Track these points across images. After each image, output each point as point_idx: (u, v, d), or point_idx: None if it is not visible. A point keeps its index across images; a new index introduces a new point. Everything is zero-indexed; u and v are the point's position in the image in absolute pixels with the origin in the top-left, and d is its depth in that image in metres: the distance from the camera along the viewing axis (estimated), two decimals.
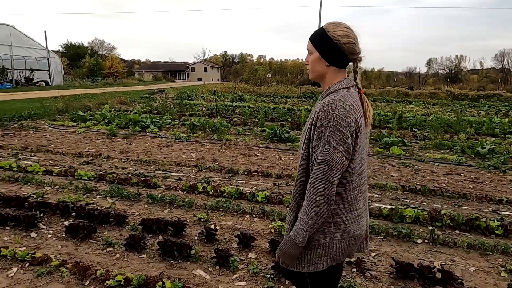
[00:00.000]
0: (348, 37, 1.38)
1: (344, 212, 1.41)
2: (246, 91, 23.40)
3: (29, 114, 9.94)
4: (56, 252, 2.87)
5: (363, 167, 1.44)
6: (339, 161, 1.31)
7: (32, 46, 27.60)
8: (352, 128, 1.32)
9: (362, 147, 1.40)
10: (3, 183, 4.50)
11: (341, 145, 1.30)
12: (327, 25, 1.42)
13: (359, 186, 1.43)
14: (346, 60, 1.42)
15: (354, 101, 1.37)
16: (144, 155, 6.20)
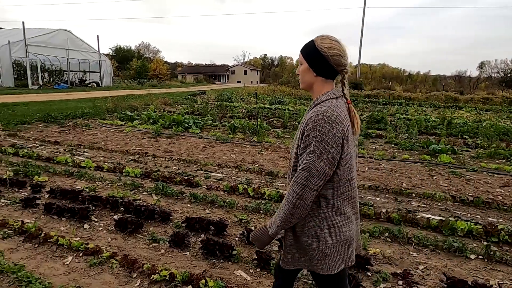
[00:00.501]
0: (335, 49, 1.45)
1: (333, 215, 1.48)
2: (285, 94, 23.33)
3: (82, 113, 10.63)
4: (106, 244, 3.03)
5: (352, 174, 1.49)
6: (320, 170, 1.38)
7: (86, 49, 29.55)
8: (338, 138, 1.39)
9: (350, 155, 1.46)
10: (60, 177, 4.85)
11: (325, 155, 1.38)
12: (316, 37, 1.50)
13: (347, 192, 1.50)
14: (333, 71, 1.49)
15: (340, 111, 1.44)
16: (187, 154, 6.38)
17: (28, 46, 23.60)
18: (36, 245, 2.97)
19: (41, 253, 2.87)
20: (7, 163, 5.31)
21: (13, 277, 2.48)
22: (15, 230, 3.16)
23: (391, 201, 4.32)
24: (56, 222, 3.46)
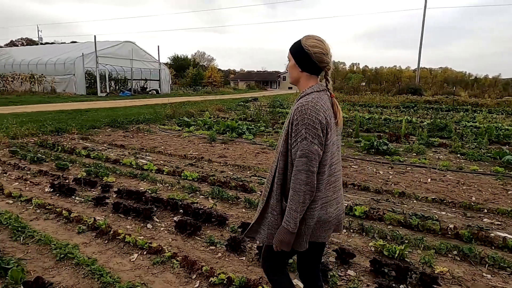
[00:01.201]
0: (318, 47, 1.60)
1: (317, 199, 1.61)
2: (339, 100, 22.76)
3: (144, 119, 11.36)
4: (167, 244, 3.18)
5: (333, 160, 1.65)
6: (316, 153, 1.52)
7: (148, 59, 31.63)
8: (323, 124, 1.54)
9: (332, 142, 1.62)
10: (126, 178, 5.21)
11: (316, 139, 1.52)
12: (303, 37, 1.66)
13: (329, 176, 1.64)
14: (316, 68, 1.64)
15: (323, 102, 1.59)
16: (241, 160, 6.50)
17: (98, 58, 25.88)
18: (106, 241, 3.21)
19: (110, 248, 3.09)
20: (81, 164, 5.84)
21: (87, 270, 2.70)
22: (88, 226, 3.45)
23: (459, 216, 3.98)
24: (123, 220, 3.71)
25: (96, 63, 25.69)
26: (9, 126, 8.60)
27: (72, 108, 14.83)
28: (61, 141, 7.84)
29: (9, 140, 7.64)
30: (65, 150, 6.86)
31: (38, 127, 9.00)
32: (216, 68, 62.08)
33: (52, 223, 3.59)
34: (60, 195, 4.39)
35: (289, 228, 1.56)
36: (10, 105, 15.80)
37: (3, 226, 3.44)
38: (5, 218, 3.55)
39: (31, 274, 2.65)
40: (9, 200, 4.21)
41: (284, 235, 1.58)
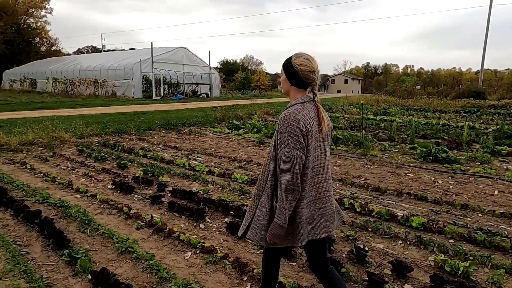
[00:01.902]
0: (305, 66, 1.82)
1: (302, 199, 1.81)
2: (391, 104, 21.81)
3: (195, 121, 11.79)
4: (219, 245, 3.26)
5: (316, 163, 1.84)
6: (297, 156, 1.73)
7: (199, 64, 32.84)
8: (303, 132, 1.74)
9: (314, 147, 1.81)
10: (179, 178, 5.43)
11: (298, 145, 1.73)
12: (293, 55, 1.87)
13: (311, 178, 1.83)
14: (303, 83, 1.85)
15: (306, 112, 1.80)
16: None
17: (154, 63, 27.39)
18: (162, 238, 3.37)
19: (166, 245, 3.24)
20: (139, 164, 6.21)
21: (146, 264, 2.85)
22: (146, 222, 3.65)
23: None
24: (177, 219, 3.87)
25: (152, 68, 27.21)
26: (77, 127, 9.40)
27: (130, 110, 15.84)
28: (121, 141, 8.40)
29: (77, 139, 8.35)
30: (124, 150, 7.33)
31: (101, 128, 9.74)
32: (264, 72, 62.62)
33: (114, 218, 3.86)
34: (120, 192, 4.70)
35: (279, 223, 1.78)
36: (77, 107, 17.29)
37: (72, 219, 3.76)
38: (74, 211, 3.88)
39: (97, 265, 2.86)
40: (77, 194, 4.59)
41: (276, 229, 1.80)
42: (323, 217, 1.89)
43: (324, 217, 1.89)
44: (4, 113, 13.54)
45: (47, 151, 7.15)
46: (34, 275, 2.66)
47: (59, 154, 6.88)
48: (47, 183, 5.07)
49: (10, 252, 2.99)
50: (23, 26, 50.08)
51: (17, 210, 3.79)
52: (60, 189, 4.81)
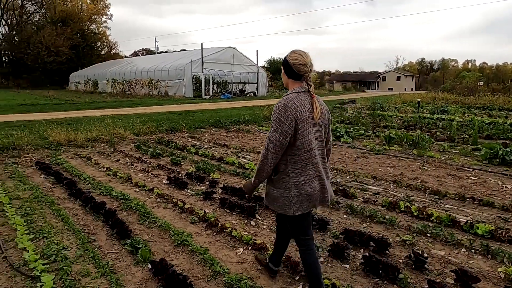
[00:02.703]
0: (297, 60, 2.10)
1: (298, 175, 2.11)
2: (449, 102, 20.35)
3: (244, 120, 11.96)
4: (270, 242, 3.27)
5: (311, 146, 2.10)
6: (276, 139, 2.03)
7: (247, 63, 33.24)
8: (290, 118, 2.01)
9: (307, 131, 2.07)
10: (229, 175, 5.55)
11: (280, 129, 2.02)
12: (289, 52, 2.17)
13: (308, 159, 2.10)
14: (297, 75, 2.12)
15: (298, 100, 2.06)
16: (339, 164, 6.32)
17: (204, 63, 28.24)
18: (215, 233, 3.47)
19: (218, 240, 3.33)
20: (191, 160, 6.45)
21: (200, 258, 2.96)
22: (199, 217, 3.78)
23: None
24: (229, 215, 3.96)
25: (202, 68, 28.09)
26: (134, 125, 10.01)
27: (182, 109, 16.50)
28: (174, 139, 8.79)
29: (134, 136, 8.89)
30: (177, 147, 7.66)
31: (155, 126, 10.26)
32: None
33: (170, 211, 4.05)
34: (175, 187, 4.92)
35: (252, 182, 2.24)
36: (133, 107, 18.39)
37: (132, 211, 4.01)
38: (134, 204, 4.13)
39: (155, 255, 3.02)
40: (136, 188, 4.89)
41: (249, 185, 2.29)
42: (321, 192, 2.20)
43: (322, 192, 2.20)
44: (71, 112, 14.82)
45: (109, 147, 7.70)
46: (101, 262, 2.88)
47: (119, 150, 7.37)
48: (110, 177, 5.45)
49: (80, 239, 3.27)
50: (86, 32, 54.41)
51: (85, 201, 4.13)
52: (121, 182, 5.15)
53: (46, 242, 3.21)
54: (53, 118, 12.11)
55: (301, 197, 2.11)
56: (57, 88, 41.91)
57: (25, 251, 3.00)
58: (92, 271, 2.76)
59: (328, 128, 2.24)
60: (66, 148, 7.48)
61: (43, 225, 3.58)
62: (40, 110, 15.61)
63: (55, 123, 10.15)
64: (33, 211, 3.97)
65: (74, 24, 50.68)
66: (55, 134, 8.06)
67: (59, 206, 4.12)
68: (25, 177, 5.33)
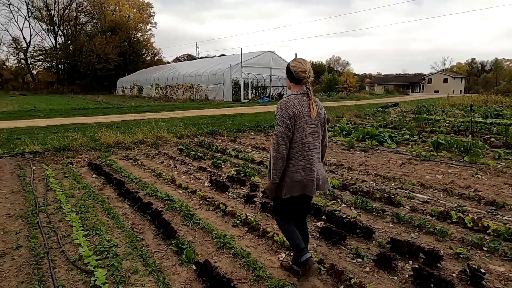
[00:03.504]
0: (297, 67, 2.44)
1: (290, 165, 2.44)
2: (505, 105, 18.88)
3: None
4: (312, 249, 3.22)
5: (305, 140, 2.43)
6: (282, 133, 2.36)
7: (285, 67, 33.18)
8: (290, 115, 2.37)
9: (303, 128, 2.41)
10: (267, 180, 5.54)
11: (283, 124, 2.37)
12: (291, 60, 2.53)
13: (301, 151, 2.43)
14: (297, 80, 2.46)
15: (297, 101, 2.42)
16: (383, 170, 6.09)
17: (243, 68, 28.62)
18: (257, 237, 3.48)
19: (260, 244, 3.33)
20: (231, 164, 6.54)
21: (243, 261, 2.97)
22: (241, 220, 3.81)
23: None
24: (270, 219, 3.95)
25: (241, 72, 28.48)
26: (177, 128, 10.36)
27: (221, 113, 16.81)
28: (214, 142, 8.97)
29: (177, 139, 9.19)
30: (218, 150, 7.81)
31: (197, 129, 10.55)
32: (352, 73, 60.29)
33: (212, 214, 4.12)
34: (216, 190, 5.01)
35: (272, 181, 2.48)
36: (175, 110, 19.05)
37: (177, 212, 4.14)
38: (178, 205, 4.26)
39: (199, 256, 3.09)
40: (179, 190, 5.04)
41: (270, 185, 2.52)
42: (309, 181, 2.48)
43: (311, 181, 2.49)
44: (119, 116, 15.66)
45: (153, 150, 8.03)
46: (149, 260, 2.99)
47: (163, 152, 7.65)
48: (155, 178, 5.68)
49: (129, 237, 3.42)
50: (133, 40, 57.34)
51: (133, 201, 4.32)
52: (165, 184, 5.34)
53: (99, 239, 3.40)
54: (103, 122, 12.87)
55: (292, 183, 2.46)
56: (105, 93, 44.54)
57: (80, 247, 3.20)
58: (140, 269, 2.87)
59: (324, 126, 2.57)
60: (114, 150, 7.91)
61: (96, 223, 3.80)
62: (91, 114, 16.66)
63: (105, 126, 10.78)
64: (86, 209, 4.22)
65: (122, 32, 53.65)
66: (105, 136, 8.55)
67: (109, 205, 4.36)
68: (79, 177, 5.70)
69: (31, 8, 52.64)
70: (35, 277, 2.73)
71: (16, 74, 53.20)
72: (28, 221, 3.86)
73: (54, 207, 4.32)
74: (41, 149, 7.56)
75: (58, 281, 2.69)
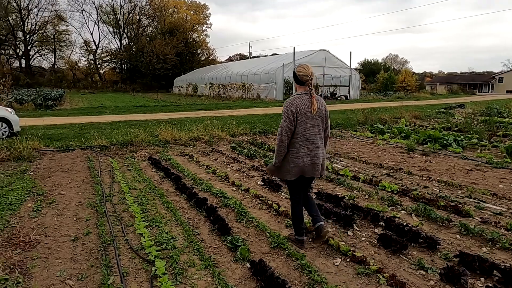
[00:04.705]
0: (301, 72, 3.06)
1: (294, 153, 3.06)
2: None
3: (336, 124, 11.61)
4: (370, 256, 3.07)
5: (306, 132, 3.04)
6: (285, 126, 2.99)
7: (339, 66, 32.32)
8: (293, 112, 2.98)
9: (304, 122, 3.02)
10: (322, 181, 5.42)
11: (287, 119, 2.99)
12: (297, 65, 3.16)
13: (303, 141, 3.04)
14: (302, 82, 3.08)
15: (300, 100, 3.03)
16: (448, 176, 5.64)
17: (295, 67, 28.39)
18: (310, 239, 3.40)
19: (314, 247, 3.26)
20: None
21: (297, 263, 2.93)
22: None
23: None
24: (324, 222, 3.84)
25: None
26: (230, 126, 10.57)
27: (273, 112, 16.83)
28: (266, 141, 8.99)
29: (230, 137, 9.38)
30: (270, 149, 7.81)
31: (249, 127, 10.67)
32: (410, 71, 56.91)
33: (265, 213, 4.12)
34: (269, 189, 5.01)
35: (274, 163, 3.15)
36: (228, 109, 19.48)
37: (231, 209, 4.21)
38: (232, 202, 4.33)
39: (253, 255, 3.10)
40: (233, 187, 5.12)
41: (271, 167, 3.21)
42: (312, 166, 3.08)
43: (312, 166, 3.08)
44: (176, 113, 16.41)
45: (208, 147, 8.27)
46: (204, 255, 3.07)
47: (217, 150, 7.85)
48: (209, 174, 5.84)
49: (186, 231, 3.55)
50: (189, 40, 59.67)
51: (189, 196, 4.48)
52: (219, 181, 5.46)
53: (158, 231, 3.57)
54: (161, 118, 13.57)
55: (295, 168, 3.05)
56: (163, 91, 46.99)
57: (141, 237, 3.38)
58: (197, 263, 2.96)
59: (325, 120, 3.17)
60: (172, 146, 8.29)
61: (155, 215, 4.00)
62: (150, 111, 17.67)
63: (163, 123, 11.35)
64: (147, 201, 4.47)
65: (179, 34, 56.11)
66: (164, 133, 9.00)
67: (167, 199, 4.57)
68: (140, 170, 6.05)
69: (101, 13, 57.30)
70: (103, 262, 2.94)
71: (86, 73, 58.28)
72: (97, 209, 4.18)
73: (119, 197, 4.63)
74: (107, 143, 8.17)
75: (122, 268, 2.87)
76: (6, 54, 53.06)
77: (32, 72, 53.14)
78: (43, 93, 28.30)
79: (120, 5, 57.55)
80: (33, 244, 3.30)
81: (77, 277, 2.77)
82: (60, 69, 56.76)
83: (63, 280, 2.73)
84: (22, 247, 3.23)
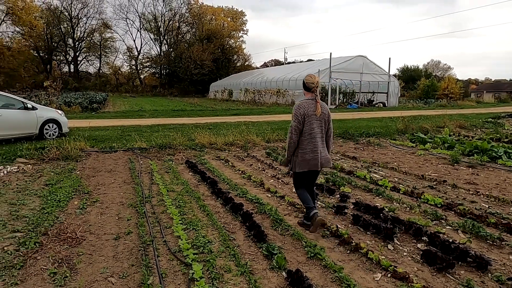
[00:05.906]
0: (308, 80, 3.63)
1: (302, 149, 3.60)
2: None
3: (374, 132, 11.26)
4: (412, 273, 2.92)
5: (312, 131, 3.58)
6: (295, 126, 3.56)
7: (377, 72, 31.42)
8: (300, 114, 3.55)
9: (310, 122, 3.57)
10: (360, 190, 5.26)
11: (296, 120, 3.56)
12: (306, 75, 3.75)
13: (309, 139, 3.58)
14: (308, 89, 3.65)
15: (307, 104, 3.60)
16: (498, 191, 5.26)
17: (331, 73, 28.00)
18: (348, 251, 3.30)
19: (352, 260, 3.15)
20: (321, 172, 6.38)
21: (334, 276, 2.84)
22: (331, 232, 3.68)
23: None
24: (362, 234, 3.72)
25: (329, 78, 27.91)
26: (265, 132, 10.59)
27: None
28: None
29: (265, 143, 9.39)
30: None
31: (284, 134, 10.59)
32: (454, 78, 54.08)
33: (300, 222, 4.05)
34: None
35: (286, 157, 3.80)
36: (262, 114, 19.54)
37: (266, 215, 4.19)
38: (268, 209, 4.31)
39: (289, 264, 3.05)
40: (268, 194, 5.10)
41: (284, 160, 3.88)
42: (315, 160, 3.58)
43: (314, 160, 3.58)
44: (211, 118, 16.72)
45: (243, 152, 8.33)
46: (240, 261, 3.07)
47: (252, 155, 7.88)
48: (244, 180, 5.87)
49: (222, 236, 3.58)
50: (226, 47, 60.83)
51: (225, 200, 4.52)
52: (254, 186, 5.47)
53: (195, 234, 3.63)
54: (197, 123, 13.88)
55: (303, 162, 3.59)
56: (199, 96, 48.16)
57: (179, 239, 3.45)
58: (233, 268, 2.96)
59: (328, 121, 3.70)
60: (208, 150, 8.44)
61: (192, 218, 4.07)
62: (187, 115, 18.14)
63: (200, 127, 11.60)
64: (184, 204, 4.56)
65: (217, 40, 57.38)
66: (200, 137, 9.19)
67: (204, 202, 4.64)
68: (177, 173, 6.21)
69: (143, 20, 60.01)
70: (143, 262, 3.03)
71: (128, 78, 61.17)
72: (137, 210, 4.33)
73: (158, 199, 4.77)
74: (147, 145, 8.48)
75: (161, 269, 2.94)
76: (58, 59, 57.06)
77: (80, 76, 56.71)
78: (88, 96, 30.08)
79: (161, 13, 59.94)
80: (79, 241, 3.48)
81: (119, 275, 2.88)
82: (104, 74, 60.07)
83: (106, 277, 2.84)
84: (69, 243, 3.41)
